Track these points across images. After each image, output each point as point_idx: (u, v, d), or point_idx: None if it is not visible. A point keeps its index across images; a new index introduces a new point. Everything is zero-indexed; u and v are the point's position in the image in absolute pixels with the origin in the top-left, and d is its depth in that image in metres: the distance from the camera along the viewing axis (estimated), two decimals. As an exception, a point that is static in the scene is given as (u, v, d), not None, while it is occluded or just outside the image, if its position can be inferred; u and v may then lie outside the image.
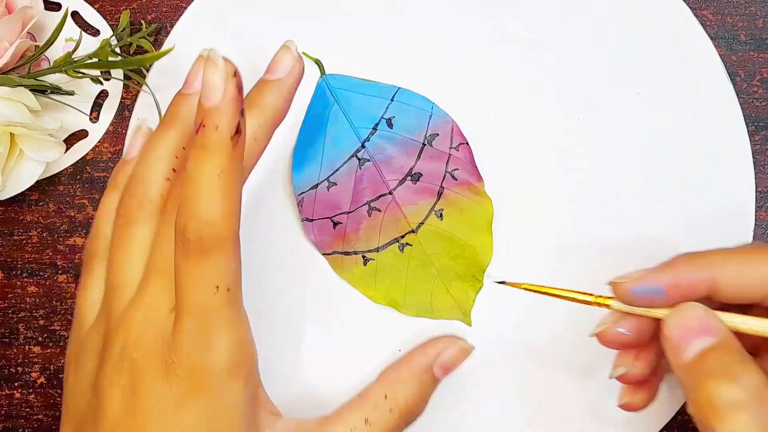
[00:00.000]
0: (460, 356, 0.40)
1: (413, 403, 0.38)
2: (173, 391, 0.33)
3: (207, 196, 0.32)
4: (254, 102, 0.36)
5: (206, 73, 0.31)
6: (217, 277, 0.32)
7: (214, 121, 0.31)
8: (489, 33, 0.43)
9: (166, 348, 0.33)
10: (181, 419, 0.33)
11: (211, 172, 0.31)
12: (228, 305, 0.33)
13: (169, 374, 0.33)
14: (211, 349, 0.33)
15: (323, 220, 0.43)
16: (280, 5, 0.44)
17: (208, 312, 0.33)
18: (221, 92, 0.31)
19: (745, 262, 0.34)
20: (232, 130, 0.31)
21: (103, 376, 0.34)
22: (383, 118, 0.43)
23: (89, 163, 0.45)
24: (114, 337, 0.34)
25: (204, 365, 0.33)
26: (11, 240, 0.45)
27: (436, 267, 0.43)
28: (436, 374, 0.39)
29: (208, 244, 0.32)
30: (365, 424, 0.37)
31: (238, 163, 0.32)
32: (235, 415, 0.34)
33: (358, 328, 0.43)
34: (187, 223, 0.32)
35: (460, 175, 0.43)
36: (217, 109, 0.31)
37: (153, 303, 0.34)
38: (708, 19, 0.44)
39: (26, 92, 0.41)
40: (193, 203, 0.32)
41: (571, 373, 0.43)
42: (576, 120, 0.43)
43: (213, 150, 0.31)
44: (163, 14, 0.45)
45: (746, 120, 0.43)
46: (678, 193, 0.43)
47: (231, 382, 0.33)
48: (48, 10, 0.44)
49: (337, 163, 0.43)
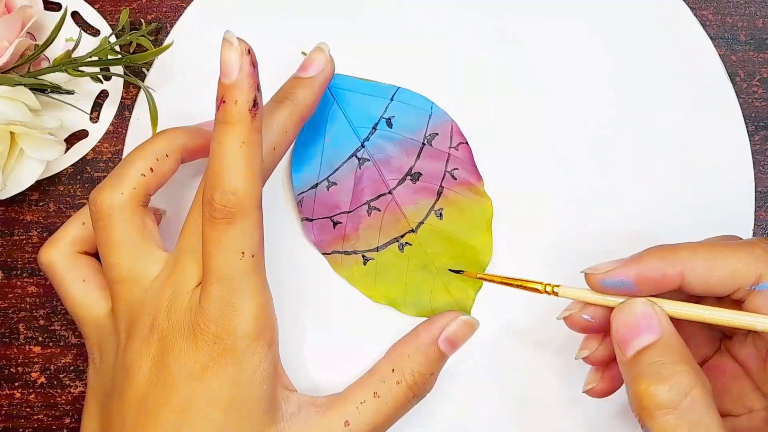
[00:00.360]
0: (465, 330, 0.41)
1: (420, 375, 0.39)
2: (201, 357, 0.35)
3: (231, 167, 0.34)
4: (286, 96, 0.39)
5: (223, 53, 0.34)
6: (242, 243, 0.35)
7: (233, 96, 0.34)
8: (489, 33, 0.43)
9: (195, 316, 0.35)
10: (207, 384, 0.35)
11: (233, 143, 0.34)
12: (253, 271, 0.35)
13: (197, 340, 0.35)
14: (237, 313, 0.35)
15: (323, 220, 0.43)
16: (280, 5, 0.44)
17: (234, 277, 0.35)
18: (238, 69, 0.34)
19: (712, 257, 0.35)
20: (250, 103, 0.34)
21: (131, 350, 0.36)
22: (383, 118, 0.43)
23: (89, 163, 0.45)
24: (142, 313, 0.36)
25: (230, 329, 0.35)
26: (11, 240, 0.45)
27: (435, 266, 0.43)
28: (441, 348, 0.40)
29: (234, 212, 0.34)
30: (374, 397, 0.38)
31: (258, 135, 0.35)
32: (257, 381, 0.35)
33: (358, 327, 0.43)
34: (213, 193, 0.34)
35: (459, 175, 0.43)
36: (235, 85, 0.34)
37: (181, 279, 0.36)
38: (708, 19, 0.44)
39: (26, 91, 0.41)
40: (218, 174, 0.34)
41: (571, 372, 0.43)
42: (576, 120, 0.43)
43: (234, 123, 0.34)
44: (163, 14, 0.45)
45: (746, 120, 0.43)
46: (678, 193, 0.43)
47: (255, 347, 0.35)
48: (47, 10, 0.44)
49: (337, 162, 0.43)
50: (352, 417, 0.38)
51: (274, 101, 0.39)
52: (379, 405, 0.38)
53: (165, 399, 0.35)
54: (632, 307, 0.35)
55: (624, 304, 0.35)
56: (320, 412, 0.38)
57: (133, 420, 0.35)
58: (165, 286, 0.36)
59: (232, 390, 0.35)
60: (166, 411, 0.35)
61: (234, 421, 0.35)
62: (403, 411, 0.39)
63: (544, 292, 0.37)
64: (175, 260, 0.37)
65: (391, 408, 0.39)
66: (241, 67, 0.34)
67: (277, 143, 0.38)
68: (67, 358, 0.44)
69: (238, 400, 0.35)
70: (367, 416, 0.38)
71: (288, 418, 0.37)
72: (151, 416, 0.35)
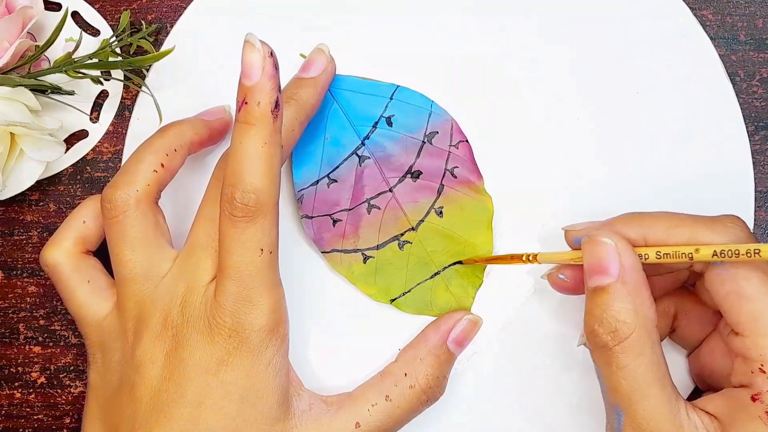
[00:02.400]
0: (471, 329, 0.42)
1: (433, 378, 0.40)
2: (216, 350, 0.36)
3: (253, 166, 0.35)
4: (290, 96, 0.40)
5: (245, 55, 0.34)
6: (261, 240, 0.35)
7: (255, 98, 0.35)
8: (488, 33, 0.43)
9: (211, 311, 0.36)
10: (222, 377, 0.36)
11: (255, 143, 0.35)
12: (270, 267, 0.36)
13: (213, 334, 0.36)
14: (253, 307, 0.36)
15: (323, 218, 0.43)
16: (280, 5, 0.44)
17: (251, 274, 0.35)
18: (260, 71, 0.34)
19: (673, 225, 0.36)
20: (272, 105, 0.35)
21: (141, 346, 0.37)
22: (383, 117, 0.43)
23: (89, 163, 0.45)
24: (153, 310, 0.37)
25: (247, 323, 0.36)
26: (11, 240, 0.45)
27: (435, 264, 0.43)
28: (450, 349, 0.41)
29: (254, 211, 0.35)
30: (386, 400, 0.39)
31: (278, 136, 0.36)
32: (271, 374, 0.36)
33: (358, 325, 0.43)
34: (234, 192, 0.35)
35: (459, 173, 0.43)
36: (257, 87, 0.34)
37: (195, 275, 0.37)
38: (708, 19, 0.44)
39: (26, 92, 0.41)
40: (239, 173, 0.35)
41: (571, 370, 0.43)
42: (576, 119, 0.43)
43: (256, 124, 0.35)
44: (163, 14, 0.45)
45: (746, 120, 0.43)
46: (677, 192, 0.43)
47: (270, 340, 0.36)
48: (48, 10, 0.44)
49: (337, 160, 0.43)
50: (363, 419, 0.38)
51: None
52: (391, 408, 0.39)
53: (179, 393, 0.36)
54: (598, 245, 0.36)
55: (593, 235, 0.37)
56: (331, 411, 0.38)
57: (145, 416, 0.36)
58: (177, 282, 0.37)
59: (246, 383, 0.36)
60: (180, 405, 0.35)
61: (248, 414, 0.36)
62: (415, 414, 0.40)
63: (527, 261, 0.40)
64: (187, 256, 0.37)
65: (403, 411, 0.39)
66: (263, 69, 0.34)
67: (285, 142, 0.39)
68: (67, 358, 0.44)
69: (252, 393, 0.36)
70: (378, 419, 0.39)
71: (299, 414, 0.37)
72: (165, 411, 0.35)
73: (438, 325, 0.42)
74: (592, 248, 0.36)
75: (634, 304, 0.35)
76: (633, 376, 0.35)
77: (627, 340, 0.35)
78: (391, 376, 0.40)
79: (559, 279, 0.40)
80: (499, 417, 0.43)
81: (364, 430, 0.38)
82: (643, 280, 0.36)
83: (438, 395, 0.41)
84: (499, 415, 0.43)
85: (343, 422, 0.38)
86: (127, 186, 0.38)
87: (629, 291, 0.35)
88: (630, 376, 0.35)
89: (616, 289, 0.35)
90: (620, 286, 0.35)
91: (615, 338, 0.35)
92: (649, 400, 0.35)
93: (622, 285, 0.35)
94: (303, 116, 0.40)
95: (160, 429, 0.35)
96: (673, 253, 0.36)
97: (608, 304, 0.35)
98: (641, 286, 0.36)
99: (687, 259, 0.35)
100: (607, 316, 0.35)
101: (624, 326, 0.35)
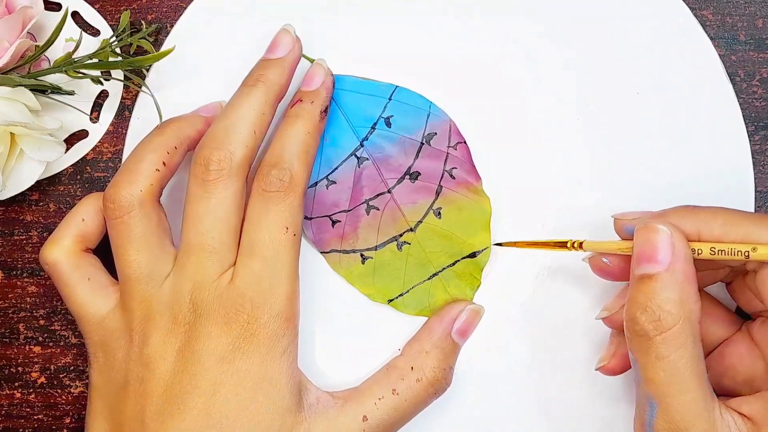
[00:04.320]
0: (474, 318, 0.42)
1: (440, 371, 0.40)
2: (231, 338, 0.36)
3: (294, 148, 0.38)
4: (258, 79, 0.40)
5: (312, 69, 0.41)
6: (288, 219, 0.37)
7: (310, 98, 0.40)
8: (487, 33, 0.43)
9: (227, 299, 0.36)
10: (238, 365, 0.36)
11: (299, 131, 0.39)
12: (292, 249, 0.37)
13: (230, 323, 0.36)
14: (272, 293, 0.37)
15: (322, 219, 0.43)
16: (280, 5, 0.44)
17: (276, 252, 0.37)
18: (320, 81, 0.40)
19: (729, 222, 0.36)
20: (323, 107, 0.40)
21: (151, 344, 0.37)
22: (381, 118, 0.43)
23: (89, 163, 0.45)
24: (160, 309, 0.37)
25: (266, 308, 0.36)
26: (11, 240, 0.45)
27: (434, 265, 0.43)
28: (455, 340, 0.41)
29: (288, 187, 0.37)
30: (393, 394, 0.39)
31: (320, 134, 0.40)
32: (285, 362, 0.37)
33: (357, 326, 0.43)
34: (270, 170, 0.37)
35: (458, 174, 0.43)
36: (315, 91, 0.40)
37: (199, 272, 0.37)
38: (708, 19, 0.44)
39: (26, 92, 0.41)
40: (278, 155, 0.38)
41: (571, 369, 0.43)
42: (576, 120, 0.43)
43: (305, 117, 0.39)
44: (163, 14, 0.45)
45: (746, 120, 0.43)
46: (678, 193, 0.43)
47: (286, 328, 0.37)
48: (48, 10, 0.44)
49: (336, 161, 0.43)
50: (370, 412, 0.39)
51: (246, 85, 0.40)
52: (398, 402, 0.39)
53: (193, 384, 0.36)
54: (652, 230, 0.36)
55: (649, 222, 0.36)
56: (338, 404, 0.39)
57: (157, 409, 0.36)
58: (182, 281, 0.37)
59: (261, 369, 0.36)
60: (194, 395, 0.36)
61: (261, 403, 0.36)
62: (422, 407, 0.40)
63: (572, 248, 0.39)
64: (186, 256, 0.38)
65: (410, 404, 0.40)
66: (324, 81, 0.40)
67: (257, 126, 0.39)
68: (67, 358, 0.44)
69: (266, 381, 0.36)
70: (385, 412, 0.39)
71: (308, 407, 0.38)
72: (178, 402, 0.36)
73: (441, 316, 0.42)
74: (647, 234, 0.36)
75: (681, 295, 0.34)
76: (673, 368, 0.34)
77: (670, 331, 0.34)
78: (397, 370, 0.40)
79: (603, 263, 0.39)
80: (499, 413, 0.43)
81: (372, 423, 0.38)
82: (692, 274, 0.35)
83: (445, 387, 0.41)
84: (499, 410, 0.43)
85: (350, 415, 0.38)
86: (131, 186, 0.38)
87: (677, 282, 0.35)
88: (669, 368, 0.34)
89: (665, 279, 0.35)
90: (669, 276, 0.35)
91: (657, 328, 0.34)
92: (685, 394, 0.34)
93: (671, 275, 0.35)
94: (273, 98, 0.40)
95: (173, 421, 0.36)
96: (728, 251, 0.35)
97: (655, 293, 0.34)
98: (690, 279, 0.35)
99: (743, 257, 0.35)
100: (652, 305, 0.34)
101: (669, 316, 0.34)
